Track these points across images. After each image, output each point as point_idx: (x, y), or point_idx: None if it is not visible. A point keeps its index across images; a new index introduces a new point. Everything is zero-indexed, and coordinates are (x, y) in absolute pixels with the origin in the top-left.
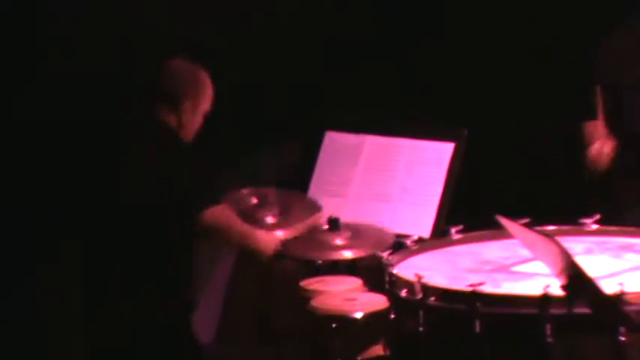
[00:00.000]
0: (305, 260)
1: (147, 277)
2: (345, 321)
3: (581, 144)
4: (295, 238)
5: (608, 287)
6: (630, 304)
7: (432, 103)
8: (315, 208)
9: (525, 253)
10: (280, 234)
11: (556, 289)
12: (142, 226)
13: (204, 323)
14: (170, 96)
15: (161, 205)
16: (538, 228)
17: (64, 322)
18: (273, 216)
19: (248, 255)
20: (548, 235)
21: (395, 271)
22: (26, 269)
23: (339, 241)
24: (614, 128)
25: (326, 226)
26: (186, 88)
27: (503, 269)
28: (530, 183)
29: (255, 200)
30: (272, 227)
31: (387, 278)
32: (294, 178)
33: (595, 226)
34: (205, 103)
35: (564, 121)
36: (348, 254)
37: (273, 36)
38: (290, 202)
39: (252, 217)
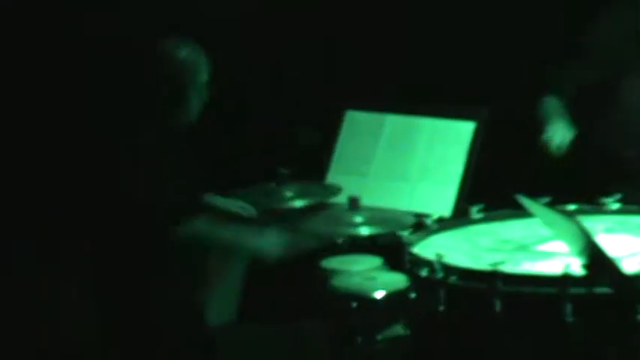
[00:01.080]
0: (325, 238)
1: (155, 275)
2: (365, 300)
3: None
4: (315, 217)
5: (629, 266)
6: None
7: (453, 82)
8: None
9: (546, 232)
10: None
11: (576, 268)
12: (150, 223)
13: (224, 302)
14: (172, 92)
15: (169, 203)
16: (559, 207)
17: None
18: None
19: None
20: (569, 215)
21: (415, 250)
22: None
23: (358, 219)
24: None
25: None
26: (185, 76)
27: (524, 248)
28: (551, 162)
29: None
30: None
31: (408, 257)
32: (313, 160)
33: (616, 206)
34: (202, 77)
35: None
36: (367, 231)
37: (291, 14)
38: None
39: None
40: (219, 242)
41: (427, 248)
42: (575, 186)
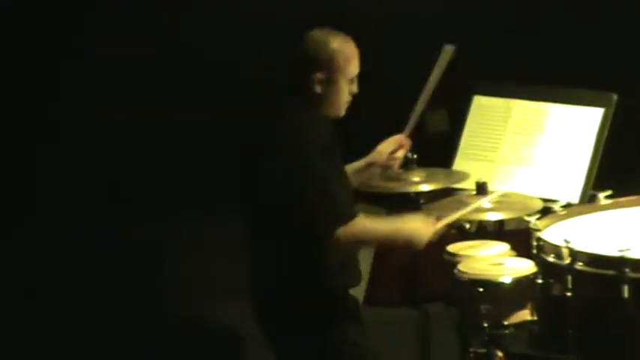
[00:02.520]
0: (453, 224)
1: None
2: (491, 286)
3: None
4: (442, 202)
5: None
6: None
7: (583, 68)
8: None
9: None
10: (436, 221)
11: None
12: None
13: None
14: (303, 68)
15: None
16: None
17: None
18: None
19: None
20: None
21: (542, 235)
22: None
23: (486, 204)
24: None
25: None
26: (333, 59)
27: None
28: None
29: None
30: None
31: (535, 243)
32: (442, 145)
33: None
34: (353, 68)
35: None
36: (494, 216)
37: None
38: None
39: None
40: (376, 235)
41: (554, 234)
42: None
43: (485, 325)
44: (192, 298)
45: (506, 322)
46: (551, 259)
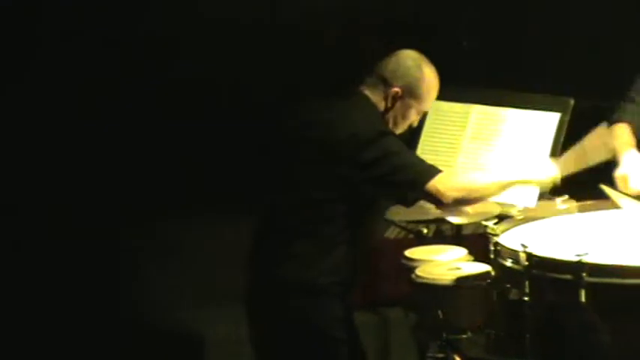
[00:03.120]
0: (411, 229)
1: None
2: (449, 290)
3: None
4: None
5: None
6: None
7: (539, 74)
8: None
9: (631, 222)
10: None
11: None
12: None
13: None
14: (384, 77)
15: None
16: None
17: None
18: None
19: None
20: None
21: (500, 240)
22: None
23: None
24: None
25: None
26: (403, 76)
27: (609, 239)
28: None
29: None
30: None
31: (493, 248)
32: None
33: None
34: (423, 104)
35: None
36: (453, 220)
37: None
38: None
39: None
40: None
41: (512, 238)
42: None
43: (443, 330)
44: (160, 303)
45: (463, 327)
46: (508, 263)
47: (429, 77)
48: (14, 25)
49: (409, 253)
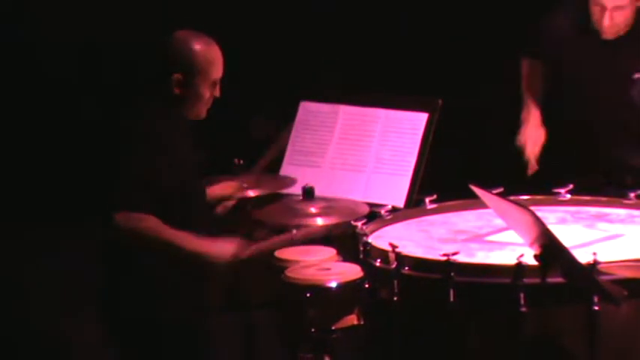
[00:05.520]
0: (279, 229)
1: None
2: (319, 290)
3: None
4: (270, 207)
5: (582, 257)
6: (603, 273)
7: (406, 73)
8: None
9: (499, 222)
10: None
11: (530, 258)
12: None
13: None
14: (180, 72)
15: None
16: (512, 197)
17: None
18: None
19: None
20: (522, 205)
21: (369, 240)
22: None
23: (312, 210)
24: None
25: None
26: (194, 62)
27: (478, 239)
28: (504, 152)
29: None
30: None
31: (362, 248)
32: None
33: (568, 196)
34: (215, 73)
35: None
36: (321, 221)
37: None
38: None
39: None
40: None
41: (381, 239)
42: (528, 176)
43: (313, 330)
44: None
45: (333, 327)
46: (377, 263)
47: (203, 49)
48: None
49: (279, 253)
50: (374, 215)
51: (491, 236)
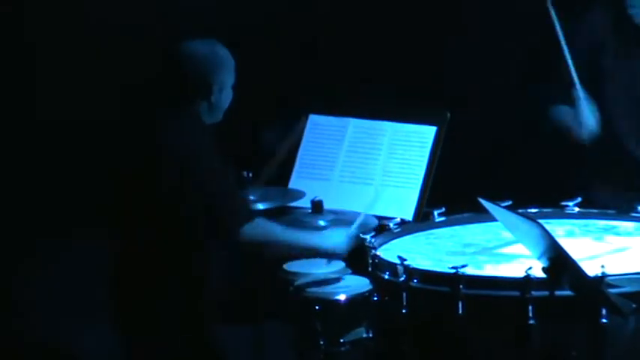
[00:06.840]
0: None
1: (171, 275)
2: (327, 303)
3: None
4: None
5: (590, 270)
6: (612, 286)
7: (416, 87)
8: None
9: (508, 235)
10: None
11: (538, 271)
12: (168, 223)
13: None
14: (196, 83)
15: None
16: (520, 210)
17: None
18: None
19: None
20: (531, 218)
21: (378, 253)
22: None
23: (321, 223)
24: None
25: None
26: (210, 70)
27: (486, 251)
28: (513, 165)
29: None
30: None
31: (371, 260)
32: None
33: (577, 209)
34: (226, 77)
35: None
36: None
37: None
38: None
39: None
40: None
41: (389, 251)
42: (537, 189)
43: (322, 342)
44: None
45: (342, 340)
46: (386, 276)
47: (210, 55)
48: None
49: (287, 265)
50: (382, 228)
51: (499, 249)
